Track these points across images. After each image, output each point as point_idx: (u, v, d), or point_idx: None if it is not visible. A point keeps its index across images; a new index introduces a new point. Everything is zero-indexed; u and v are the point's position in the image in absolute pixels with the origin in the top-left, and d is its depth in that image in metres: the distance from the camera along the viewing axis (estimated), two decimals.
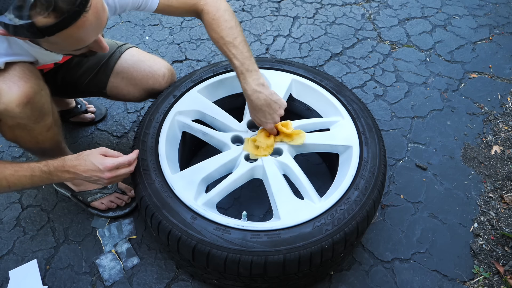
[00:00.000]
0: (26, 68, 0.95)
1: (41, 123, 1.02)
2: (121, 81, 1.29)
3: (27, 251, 1.29)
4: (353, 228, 1.00)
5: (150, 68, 1.30)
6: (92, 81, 1.29)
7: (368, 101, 1.81)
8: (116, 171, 1.01)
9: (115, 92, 1.32)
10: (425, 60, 2.03)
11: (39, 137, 1.06)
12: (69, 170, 0.99)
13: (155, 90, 1.32)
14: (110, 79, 1.29)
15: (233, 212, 1.40)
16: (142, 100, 1.39)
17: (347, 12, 2.30)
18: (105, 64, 1.28)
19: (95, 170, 0.99)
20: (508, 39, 2.18)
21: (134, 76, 1.29)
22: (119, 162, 1.01)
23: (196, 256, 0.98)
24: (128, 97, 1.34)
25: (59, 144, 1.18)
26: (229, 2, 2.34)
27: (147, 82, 1.29)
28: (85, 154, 1.01)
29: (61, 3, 0.72)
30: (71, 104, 1.60)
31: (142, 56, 1.32)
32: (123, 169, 1.03)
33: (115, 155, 1.03)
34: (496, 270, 1.29)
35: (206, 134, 1.24)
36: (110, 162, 0.99)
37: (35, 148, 1.14)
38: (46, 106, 1.01)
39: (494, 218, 1.42)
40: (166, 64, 1.34)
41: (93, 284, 1.22)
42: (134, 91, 1.31)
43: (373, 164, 1.12)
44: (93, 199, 1.34)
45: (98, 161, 0.99)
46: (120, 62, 1.29)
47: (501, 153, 1.64)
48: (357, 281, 1.24)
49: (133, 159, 1.05)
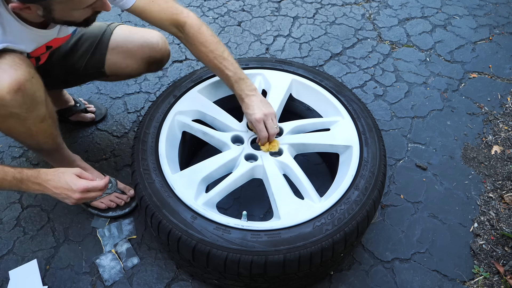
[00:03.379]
0: (16, 57, 0.97)
1: (33, 112, 1.02)
2: (118, 56, 1.31)
3: (27, 251, 1.29)
4: (353, 228, 1.00)
5: (143, 37, 1.31)
6: (90, 62, 1.31)
7: (368, 101, 1.81)
8: (86, 194, 1.03)
9: (114, 68, 1.33)
10: (425, 60, 2.03)
11: (32, 128, 1.06)
12: (40, 183, 1.01)
13: (152, 58, 1.33)
14: (107, 56, 1.30)
15: (233, 212, 1.40)
16: (142, 73, 1.39)
17: (347, 12, 2.30)
18: (99, 43, 1.30)
19: (66, 189, 1.01)
20: (508, 39, 2.18)
21: (129, 48, 1.30)
22: (92, 185, 1.02)
23: (196, 256, 0.98)
24: (128, 71, 1.35)
25: (54, 138, 1.18)
26: (229, 2, 2.34)
27: (143, 51, 1.31)
28: (60, 171, 1.02)
29: None
30: (70, 102, 1.60)
31: (133, 29, 1.35)
32: (93, 193, 1.04)
33: (89, 178, 1.05)
34: (496, 270, 1.29)
35: (206, 134, 1.24)
36: (84, 184, 1.01)
37: (29, 142, 1.14)
38: (38, 94, 1.01)
39: (494, 218, 1.42)
40: (158, 33, 1.35)
41: (93, 284, 1.22)
42: (132, 62, 1.32)
43: (373, 164, 1.12)
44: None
45: (71, 180, 1.01)
46: (113, 38, 1.30)
47: (501, 153, 1.64)
48: (357, 281, 1.24)
49: (105, 185, 1.06)
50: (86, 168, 1.35)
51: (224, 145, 1.22)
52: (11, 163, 1.52)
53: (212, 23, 2.20)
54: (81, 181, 1.02)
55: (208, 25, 1.21)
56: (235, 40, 2.10)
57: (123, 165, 1.53)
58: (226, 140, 1.22)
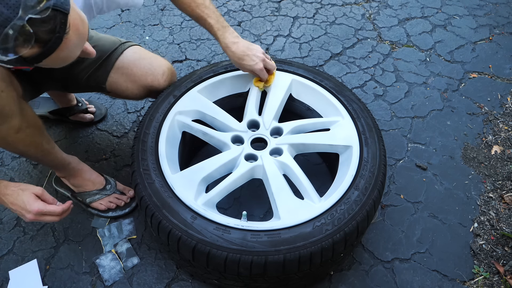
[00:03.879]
0: None
1: (4, 125, 0.99)
2: (121, 77, 1.30)
3: (27, 251, 1.29)
4: (353, 228, 1.00)
5: (150, 65, 1.30)
6: (92, 76, 1.29)
7: (368, 101, 1.81)
8: (41, 217, 1.01)
9: (114, 88, 1.32)
10: (425, 60, 2.03)
11: (8, 138, 1.03)
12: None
13: (153, 88, 1.32)
14: (110, 74, 1.29)
15: (233, 212, 1.40)
16: (140, 98, 1.39)
17: (347, 12, 2.30)
18: (107, 59, 1.29)
19: (21, 207, 0.99)
20: (508, 39, 2.18)
21: (133, 72, 1.29)
22: (48, 210, 1.00)
23: (196, 256, 0.98)
24: (127, 93, 1.34)
25: (37, 146, 1.14)
26: (229, 2, 2.34)
27: (146, 79, 1.30)
28: (21, 187, 1.01)
29: (41, 34, 0.73)
30: (73, 101, 1.60)
31: (144, 54, 1.33)
32: (49, 216, 1.02)
33: (49, 201, 1.03)
34: (496, 270, 1.29)
35: (206, 134, 1.24)
36: (38, 207, 0.99)
37: (10, 149, 1.12)
38: (8, 108, 0.98)
39: (494, 218, 1.42)
40: (167, 63, 1.35)
41: (93, 284, 1.22)
42: (132, 87, 1.31)
43: (373, 164, 1.12)
44: (92, 200, 1.34)
45: (28, 200, 0.99)
46: (121, 58, 1.29)
47: (501, 153, 1.64)
48: (357, 281, 1.24)
49: (65, 210, 1.05)
50: (83, 170, 1.33)
51: (224, 145, 1.22)
52: (11, 163, 1.52)
53: None
54: (38, 203, 0.99)
55: None
56: None
57: (123, 165, 1.53)
58: (226, 140, 1.22)
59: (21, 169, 1.50)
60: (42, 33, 0.73)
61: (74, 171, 1.31)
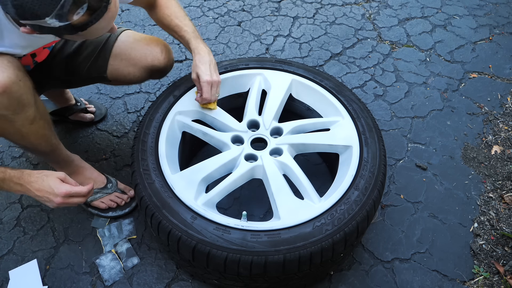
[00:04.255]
0: (5, 59, 0.96)
1: (21, 114, 1.02)
2: (120, 62, 1.31)
3: (27, 251, 1.29)
4: (353, 228, 1.00)
5: (147, 45, 1.31)
6: (92, 66, 1.30)
7: (368, 101, 1.81)
8: (69, 199, 1.02)
9: (115, 75, 1.33)
10: (425, 60, 2.03)
11: (22, 129, 1.06)
12: (23, 184, 1.00)
13: (155, 67, 1.33)
14: (109, 62, 1.30)
15: (233, 212, 1.40)
16: (143, 80, 1.39)
17: (347, 12, 2.30)
18: (103, 48, 1.30)
19: (49, 192, 1.00)
20: (508, 39, 2.18)
21: (132, 55, 1.30)
22: (75, 191, 1.02)
23: (196, 256, 0.98)
24: (129, 78, 1.35)
25: (47, 139, 1.17)
26: (229, 2, 2.34)
27: (146, 59, 1.31)
28: (44, 173, 1.02)
29: (93, 2, 0.82)
30: (71, 101, 1.60)
31: (137, 36, 1.35)
32: (76, 198, 1.03)
33: (72, 183, 1.04)
34: (496, 270, 1.29)
35: (206, 134, 1.24)
36: (66, 188, 1.00)
37: (22, 142, 1.14)
38: (25, 97, 1.01)
39: (494, 218, 1.42)
40: (161, 40, 1.36)
41: (93, 284, 1.22)
42: (134, 70, 1.32)
43: (373, 164, 1.12)
44: (93, 198, 1.34)
45: (55, 184, 1.00)
46: (117, 44, 1.30)
47: (501, 153, 1.64)
48: (357, 281, 1.24)
49: (90, 190, 1.06)
50: (85, 168, 1.34)
51: (224, 145, 1.22)
52: (11, 163, 1.52)
53: (212, 23, 2.20)
54: (64, 185, 1.01)
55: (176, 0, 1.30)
56: (235, 40, 2.10)
57: (123, 165, 1.53)
58: (226, 140, 1.22)
59: None
60: (94, 1, 0.82)
61: (77, 169, 1.32)
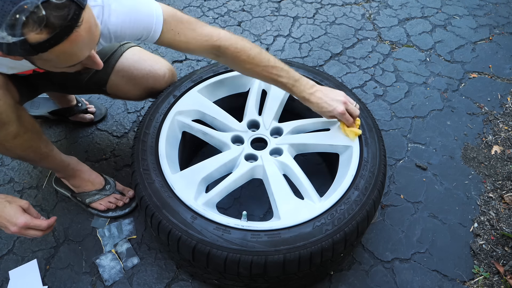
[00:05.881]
0: None
1: (1, 131, 1.00)
2: (121, 80, 1.29)
3: (27, 251, 1.29)
4: (353, 228, 1.00)
5: (151, 67, 1.29)
6: (92, 78, 1.29)
7: (368, 101, 1.81)
8: (26, 230, 1.00)
9: (115, 90, 1.32)
10: (425, 60, 2.03)
11: (6, 144, 1.04)
12: None
13: (155, 89, 1.32)
14: (110, 77, 1.28)
15: (233, 212, 1.40)
16: (141, 99, 1.38)
17: (347, 12, 2.30)
18: (107, 62, 1.27)
19: (7, 219, 0.98)
20: (508, 39, 2.18)
21: (134, 75, 1.29)
22: (34, 224, 1.00)
23: (196, 256, 0.98)
24: (128, 96, 1.34)
25: (35, 150, 1.14)
26: (229, 2, 2.34)
27: (147, 81, 1.29)
28: (7, 199, 1.00)
29: (53, 19, 0.70)
30: (72, 102, 1.60)
31: (143, 55, 1.32)
32: (33, 231, 1.01)
33: (33, 214, 1.03)
34: (496, 270, 1.29)
35: (206, 134, 1.24)
36: (25, 220, 0.98)
37: (9, 154, 1.12)
38: (5, 115, 0.98)
39: (494, 218, 1.42)
40: (167, 64, 1.34)
41: (93, 284, 1.22)
42: (134, 90, 1.31)
43: (373, 164, 1.12)
44: (91, 200, 1.34)
45: (15, 213, 0.98)
46: (121, 60, 1.28)
47: (501, 153, 1.64)
48: (357, 281, 1.24)
49: (50, 225, 1.04)
50: (82, 171, 1.33)
51: (224, 145, 1.22)
52: (10, 163, 1.52)
53: (212, 23, 2.20)
54: (24, 216, 0.99)
55: (242, 37, 1.12)
56: None
57: (123, 165, 1.53)
58: (226, 140, 1.22)
59: (21, 169, 1.50)
60: (54, 18, 0.71)
61: (73, 172, 1.31)
